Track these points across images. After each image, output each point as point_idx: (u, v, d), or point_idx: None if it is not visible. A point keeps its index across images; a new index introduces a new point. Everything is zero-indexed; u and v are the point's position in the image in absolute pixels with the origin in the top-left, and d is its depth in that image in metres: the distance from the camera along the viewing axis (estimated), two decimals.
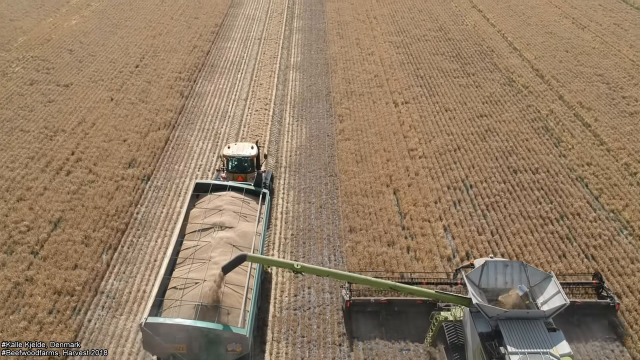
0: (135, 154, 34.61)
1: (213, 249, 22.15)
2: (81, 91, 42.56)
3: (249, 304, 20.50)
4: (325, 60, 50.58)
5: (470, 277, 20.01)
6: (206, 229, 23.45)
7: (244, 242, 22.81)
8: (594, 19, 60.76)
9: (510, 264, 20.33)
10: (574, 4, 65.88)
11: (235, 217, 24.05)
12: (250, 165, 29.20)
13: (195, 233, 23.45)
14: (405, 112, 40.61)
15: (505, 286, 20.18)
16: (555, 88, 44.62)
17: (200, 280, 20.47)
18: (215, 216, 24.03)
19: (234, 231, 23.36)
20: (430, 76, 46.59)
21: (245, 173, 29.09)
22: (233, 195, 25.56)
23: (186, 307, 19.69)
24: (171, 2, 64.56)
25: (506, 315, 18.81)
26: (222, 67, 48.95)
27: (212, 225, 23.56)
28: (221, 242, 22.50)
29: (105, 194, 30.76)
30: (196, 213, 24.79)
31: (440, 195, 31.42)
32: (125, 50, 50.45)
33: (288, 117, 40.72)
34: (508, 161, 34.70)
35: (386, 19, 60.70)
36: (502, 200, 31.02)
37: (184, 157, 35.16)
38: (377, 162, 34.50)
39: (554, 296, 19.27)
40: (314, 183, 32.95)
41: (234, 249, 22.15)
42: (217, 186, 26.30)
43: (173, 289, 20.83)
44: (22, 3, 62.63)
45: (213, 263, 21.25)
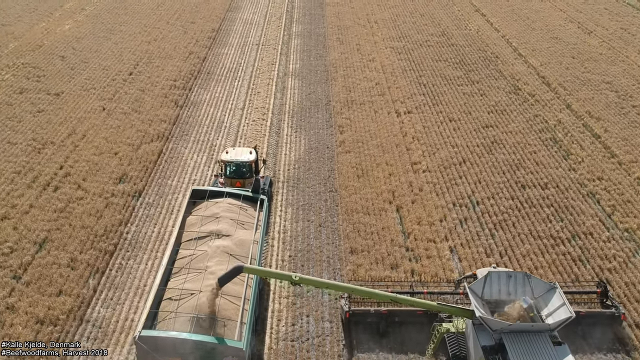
0: (126, 168, 33.14)
1: (209, 258, 21.46)
2: (72, 100, 41.08)
3: (246, 315, 19.74)
4: (325, 67, 49.12)
5: (473, 289, 19.42)
6: (202, 237, 22.75)
7: (241, 250, 22.10)
8: (600, 23, 59.33)
9: (514, 274, 19.78)
10: (579, 8, 64.46)
11: (232, 224, 23.41)
12: (248, 171, 28.71)
13: (191, 241, 22.74)
14: (408, 123, 39.14)
15: (508, 297, 19.58)
16: (563, 96, 43.17)
17: (196, 291, 19.77)
18: (212, 224, 23.35)
19: (231, 239, 22.60)
20: (434, 84, 45.13)
21: (244, 178, 28.64)
22: (230, 202, 24.91)
23: (181, 319, 19.05)
24: (167, 6, 63.10)
25: (510, 329, 18.27)
26: (218, 75, 47.47)
27: (209, 233, 22.89)
28: (218, 251, 21.80)
29: (93, 212, 29.29)
30: (192, 220, 24.08)
31: (446, 212, 29.95)
32: (119, 56, 48.96)
33: (286, 128, 39.23)
34: (516, 175, 33.24)
35: (387, 23, 59.24)
36: (510, 218, 29.56)
37: (178, 171, 33.68)
38: (379, 176, 33.03)
39: (559, 308, 18.75)
40: (313, 199, 31.48)
41: (230, 258, 21.50)
42: (214, 192, 25.69)
43: (168, 300, 20.11)
44: (15, 7, 61.15)
45: (209, 273, 20.58)
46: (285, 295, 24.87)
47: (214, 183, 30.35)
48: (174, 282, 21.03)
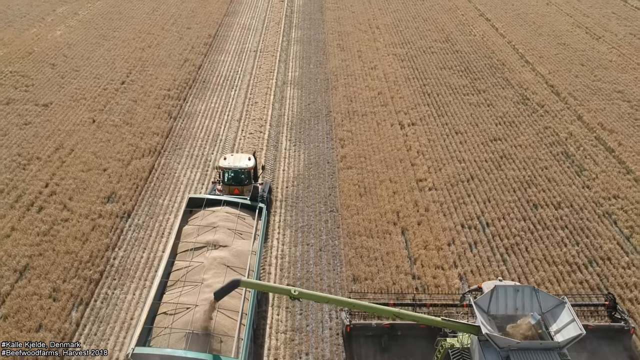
0: (115, 186, 31.33)
1: (206, 270, 20.62)
2: (61, 112, 39.28)
3: (243, 330, 18.90)
4: (325, 75, 47.33)
5: (479, 304, 18.71)
6: (199, 248, 21.94)
7: (238, 262, 21.31)
8: (609, 28, 57.57)
9: (521, 289, 19.10)
10: (586, 12, 62.68)
11: (229, 234, 22.57)
12: (247, 177, 27.75)
13: (187, 252, 21.93)
14: (412, 135, 37.36)
15: (515, 312, 18.88)
16: (573, 107, 41.38)
17: (191, 305, 18.91)
18: (209, 234, 22.54)
19: (228, 250, 21.79)
20: (438, 93, 43.35)
21: (242, 185, 27.66)
22: (228, 211, 24.09)
23: (176, 335, 18.22)
24: (163, 11, 61.34)
25: (518, 346, 17.47)
26: (214, 83, 45.67)
27: (206, 243, 22.06)
28: (214, 263, 20.98)
29: (79, 235, 27.48)
30: (189, 230, 23.28)
31: (454, 235, 28.16)
32: (112, 64, 47.17)
33: (285, 141, 37.44)
34: (527, 193, 31.45)
35: (389, 28, 57.45)
36: (523, 241, 27.76)
37: (170, 190, 31.88)
38: (382, 195, 31.24)
39: (569, 324, 18.05)
40: (312, 220, 29.68)
41: (228, 270, 20.72)
42: (212, 200, 24.80)
43: (163, 315, 19.35)
44: (6, 12, 59.38)
45: (205, 286, 19.76)
46: (282, 329, 23.08)
47: (211, 190, 29.33)
48: (169, 295, 20.24)
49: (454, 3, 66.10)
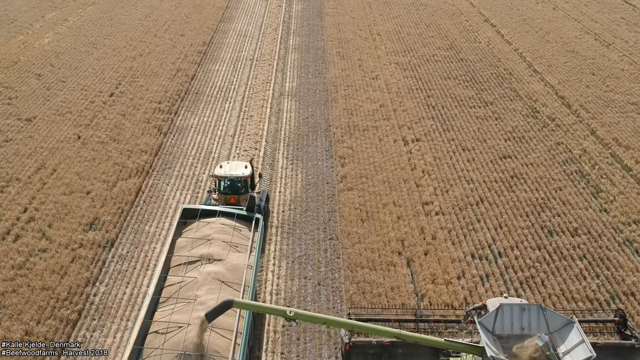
0: (98, 211, 29.16)
1: (199, 286, 19.73)
2: (45, 127, 37.10)
3: (238, 351, 17.87)
4: (325, 86, 45.17)
5: (483, 323, 17.98)
6: (193, 262, 21.07)
7: (233, 277, 20.46)
8: (618, 34, 55.45)
9: (528, 307, 18.47)
10: (594, 17, 60.55)
11: (225, 247, 21.68)
12: (244, 186, 26.81)
13: (180, 267, 21.01)
14: (417, 153, 35.20)
15: (522, 332, 18.10)
16: (586, 120, 39.25)
17: (184, 324, 18.00)
18: (203, 247, 21.67)
19: (223, 264, 20.94)
20: (443, 105, 41.20)
21: (239, 194, 26.69)
22: (223, 222, 23.16)
23: (168, 356, 17.32)
24: (156, 17, 59.15)
25: None
26: (208, 95, 43.51)
27: (200, 257, 21.19)
28: (208, 278, 20.08)
29: (57, 268, 25.30)
30: (182, 243, 22.36)
31: (464, 267, 26.01)
32: (100, 75, 45.00)
33: (281, 159, 35.28)
34: (541, 218, 29.31)
35: (391, 35, 55.29)
36: (538, 274, 25.60)
37: (157, 215, 29.70)
38: (386, 220, 29.08)
39: (578, 346, 17.21)
40: (310, 249, 27.52)
41: (222, 285, 19.89)
42: (206, 211, 23.92)
43: (154, 334, 18.44)
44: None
45: (199, 303, 18.90)
46: (279, 350, 20.97)
47: (206, 199, 27.95)
48: (160, 313, 19.33)
49: (458, 8, 63.98)
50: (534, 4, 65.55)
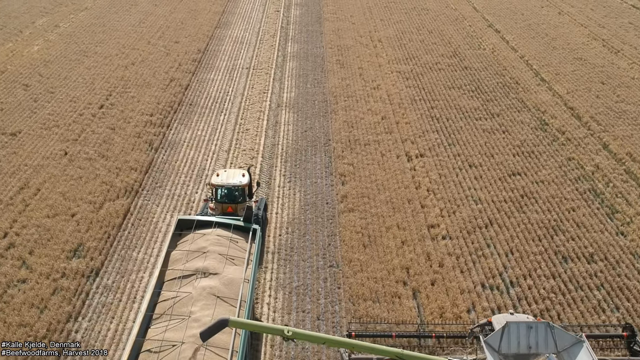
0: (83, 236, 27.38)
1: (194, 302, 18.93)
2: (30, 142, 35.33)
3: None
4: (324, 96, 43.39)
5: (489, 342, 17.90)
6: (187, 276, 20.25)
7: (230, 291, 19.65)
8: (627, 40, 53.71)
9: (535, 325, 18.28)
10: (601, 22, 58.79)
11: (221, 260, 20.90)
12: (241, 195, 25.70)
13: (175, 281, 20.18)
14: (421, 170, 33.43)
15: (529, 351, 18.04)
16: (597, 133, 37.50)
17: (178, 343, 17.19)
18: (199, 260, 20.86)
19: (219, 278, 20.16)
20: (448, 117, 39.44)
21: (236, 203, 25.58)
22: (219, 234, 22.39)
23: None
24: (150, 23, 57.34)
25: None
26: (202, 106, 41.71)
27: (195, 271, 20.34)
28: (203, 293, 19.30)
29: (37, 301, 23.52)
30: (177, 256, 21.53)
31: (474, 299, 24.23)
32: (90, 85, 43.21)
33: (278, 177, 33.48)
34: (554, 242, 27.55)
35: (392, 41, 53.51)
36: (554, 307, 23.83)
37: (146, 240, 27.90)
38: (389, 245, 27.30)
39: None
40: (309, 278, 25.73)
41: (218, 301, 19.13)
42: (202, 222, 23.06)
43: (147, 353, 17.61)
44: None
45: (193, 320, 18.15)
46: None
47: (202, 208, 26.87)
48: (154, 330, 18.48)
49: (460, 13, 62.23)
50: (539, 9, 63.80)
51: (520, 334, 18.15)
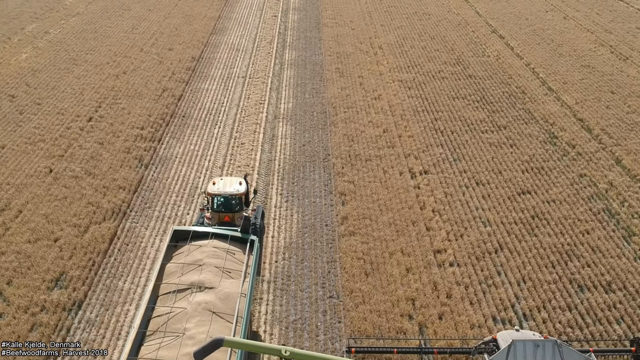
0: (66, 264, 25.60)
1: (189, 318, 18.27)
2: (14, 158, 33.57)
3: None
4: (323, 107, 41.66)
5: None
6: (182, 290, 19.54)
7: (226, 307, 18.98)
8: (635, 46, 52.02)
9: (542, 343, 17.74)
10: (608, 27, 57.10)
11: (217, 273, 20.23)
12: (238, 204, 24.66)
13: (169, 295, 19.45)
14: (426, 188, 31.71)
15: None
16: (609, 147, 35.80)
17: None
18: (194, 273, 20.15)
19: (214, 293, 19.48)
20: (452, 130, 37.73)
21: (233, 212, 24.51)
22: (216, 245, 21.77)
23: None
24: (143, 29, 55.56)
25: None
26: (195, 119, 39.95)
27: (190, 285, 19.64)
28: (199, 309, 18.62)
29: (13, 338, 21.72)
30: (172, 269, 20.82)
31: (485, 334, 22.48)
32: (79, 95, 41.43)
33: (275, 196, 31.74)
34: (569, 269, 25.84)
35: (393, 48, 51.78)
36: (570, 343, 22.02)
37: (133, 267, 26.12)
38: (393, 273, 25.57)
39: None
40: (307, 311, 23.97)
41: (213, 316, 18.45)
42: (199, 233, 22.41)
43: None
44: None
45: (188, 337, 17.51)
46: None
47: (198, 218, 25.78)
48: (146, 348, 17.69)
49: (463, 18, 60.51)
50: (543, 13, 62.11)
51: (527, 353, 17.60)
